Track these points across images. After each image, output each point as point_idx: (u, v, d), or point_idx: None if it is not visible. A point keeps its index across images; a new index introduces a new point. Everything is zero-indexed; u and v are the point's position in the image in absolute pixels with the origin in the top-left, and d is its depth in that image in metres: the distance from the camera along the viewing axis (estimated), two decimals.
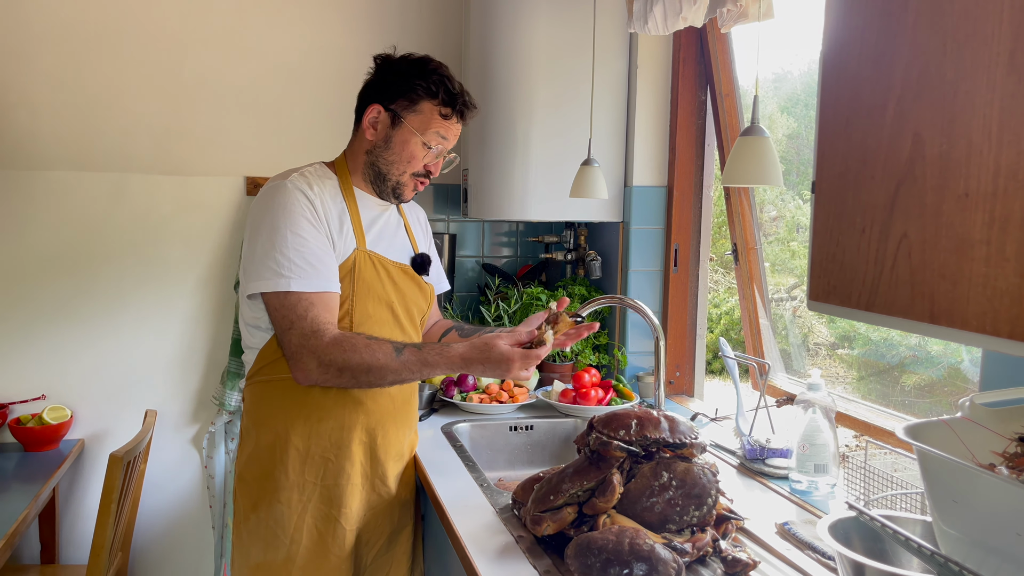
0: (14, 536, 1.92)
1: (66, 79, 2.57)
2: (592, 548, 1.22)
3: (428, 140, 1.66)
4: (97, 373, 2.65)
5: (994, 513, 0.85)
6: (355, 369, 1.51)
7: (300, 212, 1.57)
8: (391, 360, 1.52)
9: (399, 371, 1.53)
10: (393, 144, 1.66)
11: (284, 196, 1.58)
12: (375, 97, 1.67)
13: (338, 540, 1.67)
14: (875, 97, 0.79)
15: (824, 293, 0.87)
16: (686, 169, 2.45)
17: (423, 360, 1.53)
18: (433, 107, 1.65)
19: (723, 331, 3.10)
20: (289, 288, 1.53)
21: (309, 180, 1.63)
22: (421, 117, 1.65)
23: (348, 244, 1.64)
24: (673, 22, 2.00)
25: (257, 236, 1.58)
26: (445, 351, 1.54)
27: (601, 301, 2.06)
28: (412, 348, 1.54)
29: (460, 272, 2.92)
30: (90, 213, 2.61)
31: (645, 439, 1.38)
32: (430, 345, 1.56)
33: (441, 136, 1.67)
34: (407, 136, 1.66)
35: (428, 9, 2.81)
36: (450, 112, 1.66)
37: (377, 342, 1.54)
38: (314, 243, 1.57)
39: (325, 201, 1.63)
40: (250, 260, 1.58)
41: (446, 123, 1.67)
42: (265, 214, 1.58)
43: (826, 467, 1.61)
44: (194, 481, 2.77)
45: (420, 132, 1.65)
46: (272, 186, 1.62)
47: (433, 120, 1.66)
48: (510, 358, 1.50)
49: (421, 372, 1.54)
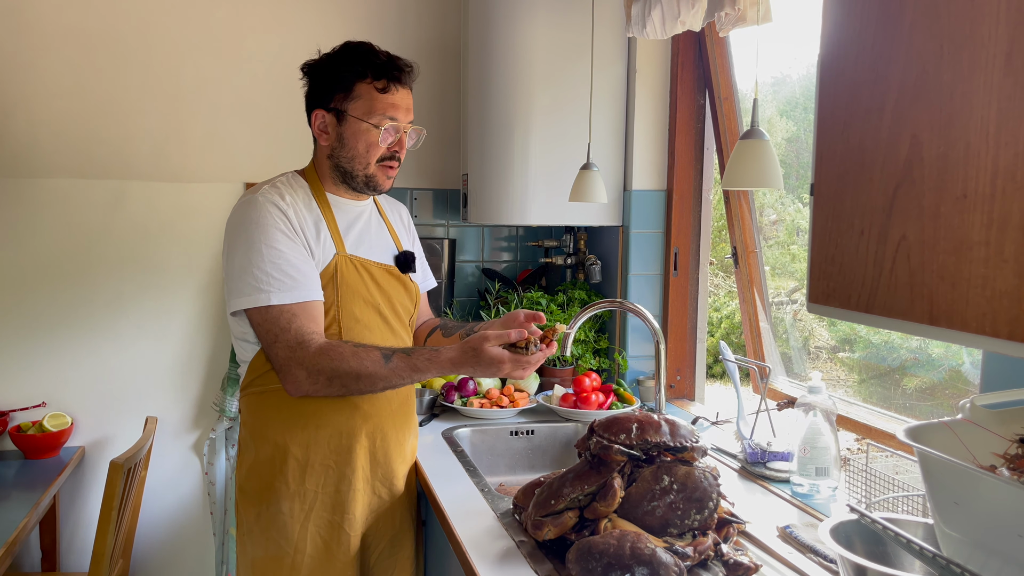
0: (15, 544, 1.92)
1: (65, 87, 2.57)
2: (593, 552, 1.22)
3: (376, 122, 1.62)
4: (97, 380, 2.65)
5: (995, 515, 0.84)
6: (344, 377, 1.51)
7: (273, 225, 1.56)
8: (380, 368, 1.51)
9: (389, 378, 1.52)
10: (347, 140, 1.64)
11: (256, 211, 1.57)
12: (315, 103, 1.66)
13: (343, 546, 1.66)
14: (873, 100, 0.79)
15: (824, 295, 0.87)
16: (685, 173, 2.45)
17: (413, 366, 1.52)
18: (368, 86, 1.61)
19: (723, 335, 3.10)
20: (270, 302, 1.53)
21: (281, 191, 1.62)
22: (361, 102, 1.62)
23: (327, 250, 1.63)
24: (671, 26, 2.00)
25: (233, 253, 1.58)
26: (435, 356, 1.53)
27: (601, 305, 2.06)
28: (401, 355, 1.53)
29: (460, 277, 2.92)
30: (90, 220, 2.62)
31: (646, 443, 1.38)
32: (419, 350, 1.55)
33: (388, 116, 1.63)
34: (356, 127, 1.63)
35: (426, 15, 2.82)
36: (386, 83, 1.62)
37: (365, 349, 1.53)
38: (290, 254, 1.56)
39: (299, 210, 1.62)
40: (229, 277, 1.58)
41: (387, 96, 1.62)
42: (239, 230, 1.58)
43: (827, 470, 1.61)
44: (195, 488, 2.76)
45: (366, 117, 1.62)
46: (244, 201, 1.61)
47: (374, 99, 1.62)
48: (500, 360, 1.49)
49: (412, 378, 1.54)
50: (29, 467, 2.44)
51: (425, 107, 2.82)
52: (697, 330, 2.49)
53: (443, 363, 1.52)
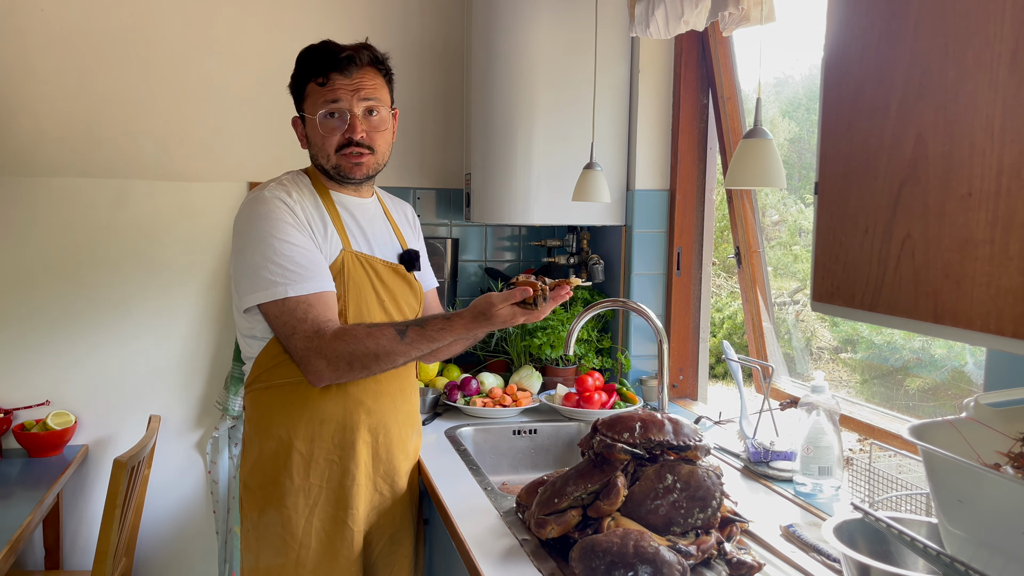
0: (18, 542, 1.92)
1: (69, 86, 2.58)
2: (597, 551, 1.22)
3: (319, 112, 1.63)
4: (101, 379, 2.66)
5: (999, 513, 0.85)
6: (364, 358, 1.53)
7: (282, 218, 1.58)
8: (396, 344, 1.53)
9: (407, 352, 1.54)
10: (311, 139, 1.68)
11: (264, 206, 1.59)
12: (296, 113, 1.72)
13: (347, 542, 1.67)
14: (877, 98, 0.79)
15: (828, 294, 0.87)
16: (688, 173, 2.45)
17: (428, 336, 1.54)
18: (313, 85, 1.64)
19: (726, 335, 3.10)
20: (286, 295, 1.54)
21: (287, 188, 1.65)
22: (309, 100, 1.65)
23: (334, 246, 1.65)
24: (675, 26, 2.00)
25: (244, 250, 1.59)
26: (447, 324, 1.54)
27: (604, 304, 2.06)
28: (415, 327, 1.55)
29: (463, 276, 2.92)
30: (93, 219, 2.62)
31: (649, 442, 1.38)
32: (431, 319, 1.56)
33: (329, 101, 1.63)
34: (311, 124, 1.66)
35: (430, 15, 2.82)
36: (324, 77, 1.62)
37: (379, 328, 1.55)
38: (301, 246, 1.58)
39: (306, 207, 1.64)
40: (242, 274, 1.59)
41: (327, 88, 1.62)
42: (248, 227, 1.59)
43: (830, 469, 1.61)
44: (198, 486, 2.77)
45: (312, 113, 1.65)
46: (251, 198, 1.63)
47: (315, 94, 1.64)
48: (512, 316, 1.53)
49: (428, 347, 1.55)
50: (33, 465, 2.45)
51: (428, 106, 2.83)
52: (700, 330, 2.49)
53: (457, 329, 1.54)
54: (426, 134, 2.84)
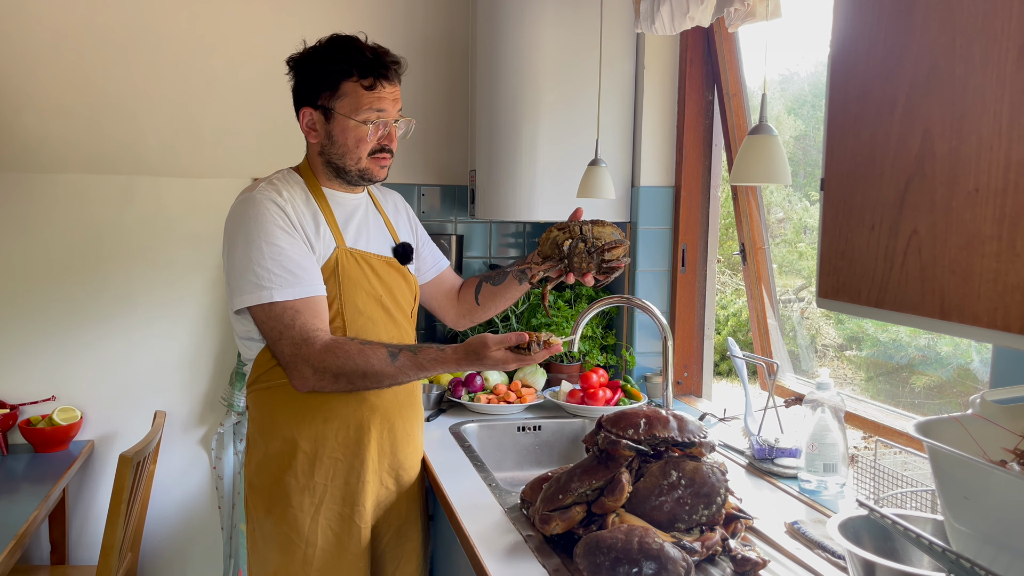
0: (24, 537, 1.93)
1: (75, 82, 2.58)
2: (601, 547, 1.22)
3: (364, 118, 1.61)
4: (107, 374, 2.66)
5: (1006, 509, 0.84)
6: (351, 375, 1.53)
7: (272, 221, 1.57)
8: (386, 366, 1.53)
9: (395, 376, 1.54)
10: (335, 137, 1.64)
11: (254, 208, 1.58)
12: (302, 101, 1.65)
13: (354, 538, 1.67)
14: (884, 94, 0.79)
15: (833, 291, 0.87)
16: (693, 169, 2.45)
17: (418, 364, 1.54)
18: (354, 84, 1.60)
19: (731, 332, 3.10)
20: (272, 299, 1.53)
21: (278, 187, 1.63)
22: (347, 100, 1.61)
23: (327, 244, 1.64)
24: (680, 22, 2.00)
25: (234, 251, 1.58)
26: (440, 356, 1.55)
27: (609, 301, 2.06)
28: (407, 352, 1.55)
29: (467, 272, 2.92)
30: (99, 215, 2.63)
31: (654, 438, 1.38)
32: (425, 348, 1.56)
33: (375, 109, 1.61)
34: (344, 125, 1.62)
35: (434, 11, 2.82)
36: (372, 81, 1.60)
37: (371, 347, 1.54)
38: (291, 250, 1.56)
39: (297, 206, 1.62)
40: (230, 276, 1.59)
41: (374, 94, 1.61)
42: (238, 228, 1.58)
43: (835, 466, 1.61)
44: (203, 482, 2.78)
45: (353, 115, 1.61)
46: (242, 199, 1.62)
47: (360, 97, 1.60)
48: (504, 361, 1.53)
49: (417, 375, 1.56)
50: (39, 461, 2.46)
51: (433, 103, 2.82)
52: (705, 327, 2.49)
53: (448, 363, 1.55)
54: (430, 130, 2.84)
